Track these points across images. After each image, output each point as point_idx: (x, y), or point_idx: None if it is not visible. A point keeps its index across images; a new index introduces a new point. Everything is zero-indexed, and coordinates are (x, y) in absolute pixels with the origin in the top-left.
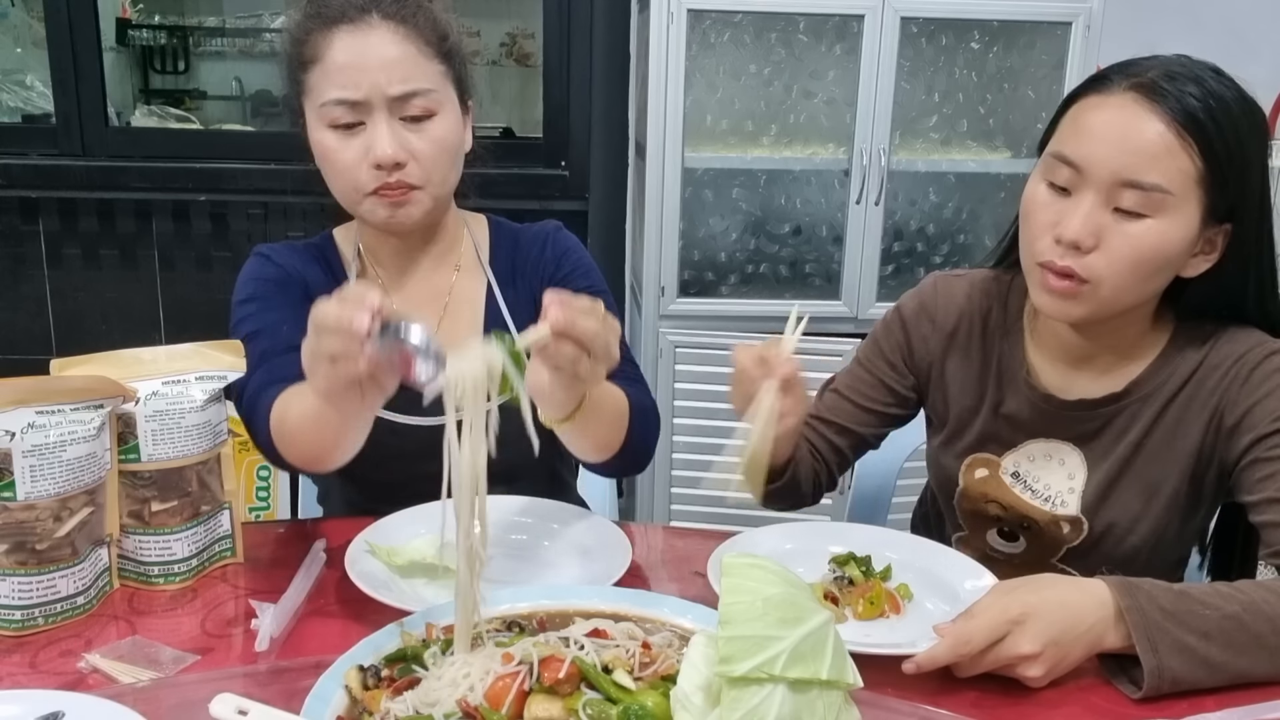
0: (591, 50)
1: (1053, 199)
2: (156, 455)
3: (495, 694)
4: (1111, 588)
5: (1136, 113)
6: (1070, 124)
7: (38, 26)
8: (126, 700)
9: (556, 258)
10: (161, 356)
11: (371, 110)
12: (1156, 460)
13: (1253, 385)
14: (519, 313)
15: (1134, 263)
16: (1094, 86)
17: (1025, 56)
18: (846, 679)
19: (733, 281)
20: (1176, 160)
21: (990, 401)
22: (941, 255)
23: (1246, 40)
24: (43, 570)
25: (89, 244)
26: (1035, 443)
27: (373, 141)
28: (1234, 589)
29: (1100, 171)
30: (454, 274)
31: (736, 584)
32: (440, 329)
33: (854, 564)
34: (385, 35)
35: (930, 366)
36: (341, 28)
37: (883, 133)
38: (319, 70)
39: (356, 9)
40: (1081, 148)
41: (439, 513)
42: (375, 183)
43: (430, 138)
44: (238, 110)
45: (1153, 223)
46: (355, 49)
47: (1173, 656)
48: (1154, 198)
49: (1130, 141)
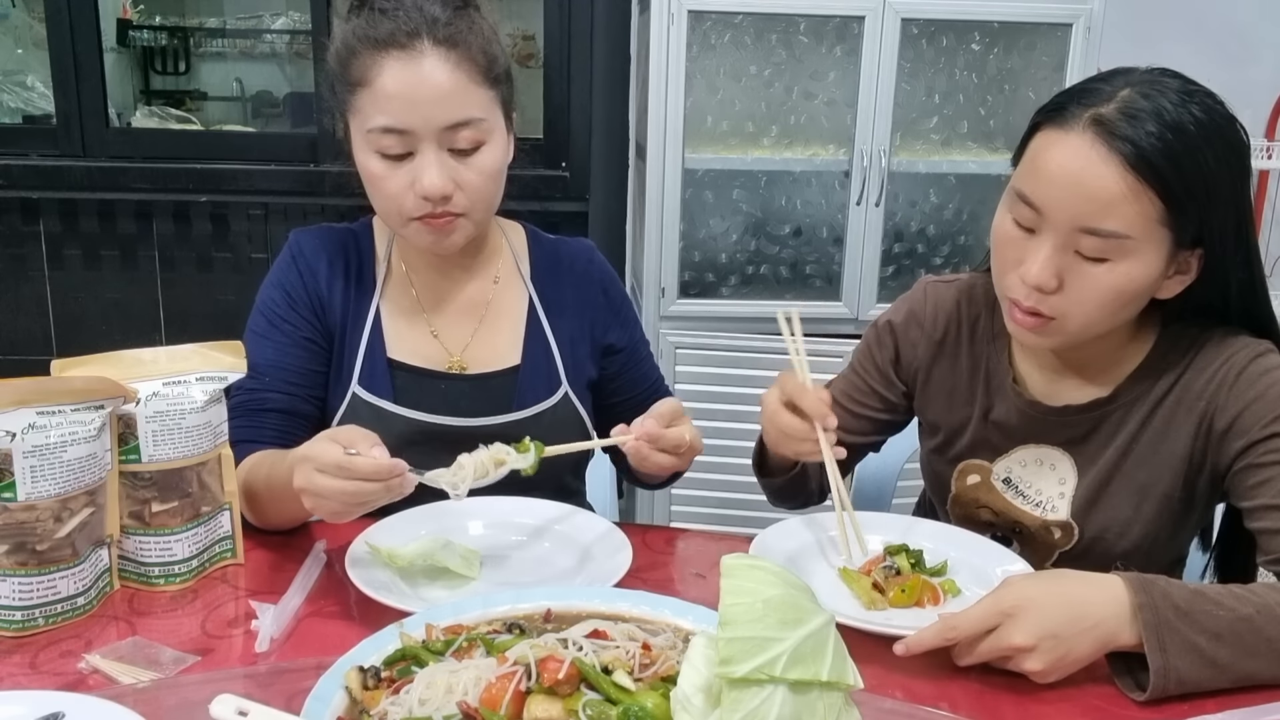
0: (592, 51)
1: (1018, 235)
2: (157, 456)
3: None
4: (1127, 584)
5: (1091, 158)
6: (1030, 159)
7: (38, 27)
8: (127, 701)
9: (603, 288)
10: (162, 357)
11: (420, 141)
12: (1145, 464)
13: (1241, 389)
14: (561, 332)
15: (1099, 303)
16: (1054, 117)
17: (1026, 58)
18: (847, 680)
19: (733, 283)
20: (1135, 205)
21: (980, 408)
22: (942, 257)
23: (1247, 41)
24: (43, 571)
25: (89, 245)
26: (1026, 448)
27: (420, 173)
28: (1250, 591)
29: (1058, 216)
30: (493, 286)
31: (736, 585)
32: (476, 339)
33: (905, 555)
34: (436, 63)
35: (919, 374)
36: (391, 53)
37: (883, 134)
38: (367, 94)
39: (407, 33)
40: (1039, 190)
41: (439, 514)
42: (420, 211)
43: (478, 168)
44: (238, 111)
45: (1115, 264)
46: (406, 79)
47: (1180, 657)
48: (1113, 243)
49: (1086, 188)
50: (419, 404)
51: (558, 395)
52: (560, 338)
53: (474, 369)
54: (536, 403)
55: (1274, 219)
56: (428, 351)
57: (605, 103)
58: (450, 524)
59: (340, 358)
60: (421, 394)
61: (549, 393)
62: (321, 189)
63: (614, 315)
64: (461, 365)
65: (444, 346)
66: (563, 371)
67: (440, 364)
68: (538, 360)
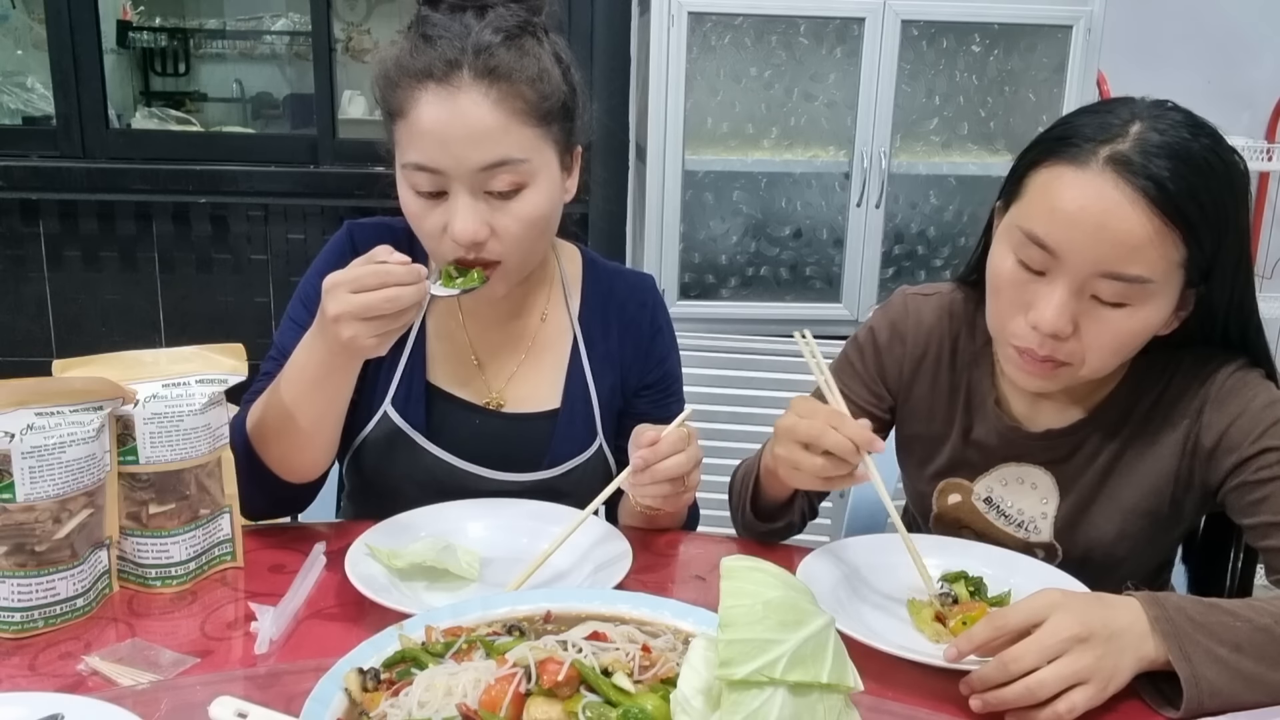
0: (592, 53)
1: (1024, 278)
2: (155, 458)
3: (492, 698)
4: (1139, 600)
5: (1117, 200)
6: (1042, 196)
7: (38, 28)
8: (126, 703)
9: (653, 332)
10: (163, 359)
11: (452, 182)
12: (1129, 484)
13: (1224, 404)
14: (603, 378)
15: (1114, 349)
16: (1067, 154)
17: (1026, 59)
18: (847, 682)
19: (733, 284)
20: (1160, 249)
21: (959, 428)
22: (942, 258)
23: (1247, 43)
24: (42, 572)
25: (89, 246)
26: (1006, 466)
27: (452, 217)
28: (1264, 602)
29: (1077, 260)
30: (539, 323)
31: (736, 587)
32: (518, 376)
33: (964, 583)
34: (475, 98)
35: (900, 390)
36: (429, 86)
37: (883, 136)
38: (404, 127)
39: (445, 64)
40: (1056, 232)
41: (439, 516)
42: (455, 255)
43: (516, 215)
44: (238, 112)
45: (1134, 309)
46: (440, 115)
47: (1207, 666)
48: (1135, 288)
49: (1110, 232)
50: (452, 441)
51: (592, 449)
52: (600, 384)
53: (511, 407)
54: (571, 457)
55: (1274, 220)
56: (469, 381)
57: (605, 104)
58: (450, 526)
59: (375, 372)
60: (456, 428)
61: (585, 444)
62: (322, 190)
63: (658, 362)
64: (500, 402)
65: (485, 379)
66: (599, 421)
67: (479, 397)
68: (576, 407)
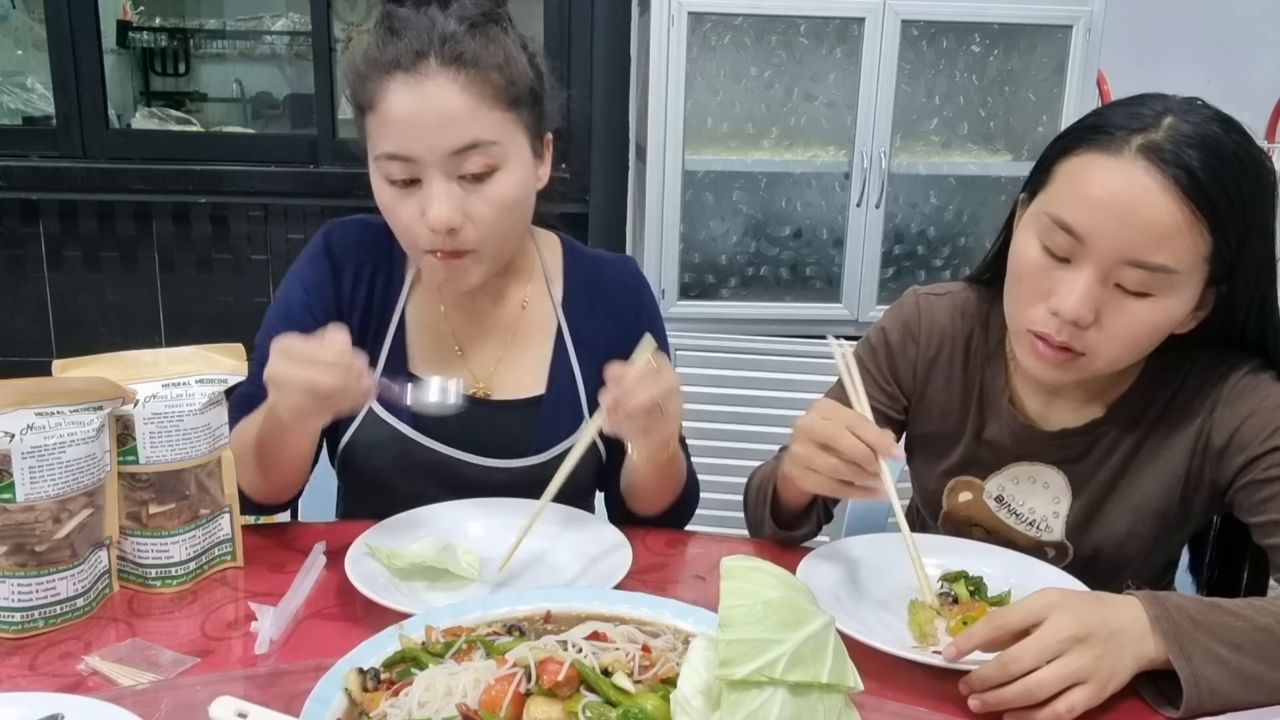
0: (592, 53)
1: (1048, 264)
2: (154, 458)
3: (492, 698)
4: (1139, 599)
5: (1148, 186)
6: (1071, 182)
7: (38, 28)
8: (126, 703)
9: (638, 313)
10: (163, 359)
11: (426, 168)
12: (1140, 483)
13: (1236, 403)
14: (588, 357)
15: (1133, 340)
16: (1098, 141)
17: (1026, 59)
18: (847, 682)
19: (733, 284)
20: (1187, 239)
21: (972, 427)
22: (942, 259)
23: (1247, 43)
24: (42, 572)
25: (89, 246)
26: (1018, 465)
27: (427, 203)
28: (1266, 602)
29: (1104, 247)
30: (520, 310)
31: (736, 587)
32: (502, 364)
33: (964, 582)
34: (443, 85)
35: (914, 389)
36: (397, 76)
37: (883, 135)
38: (375, 119)
39: (412, 55)
40: (1085, 217)
41: (439, 516)
42: (432, 244)
43: (490, 198)
44: (238, 112)
45: (1157, 300)
46: (409, 103)
47: (1207, 666)
48: (1160, 278)
49: (1139, 218)
50: (440, 431)
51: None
52: (586, 371)
53: (498, 395)
54: (558, 441)
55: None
56: (453, 371)
57: (605, 104)
58: (450, 526)
59: None
60: (443, 417)
61: (570, 428)
62: (322, 190)
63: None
64: (486, 391)
65: (470, 368)
66: (585, 406)
67: (465, 386)
68: (561, 391)
